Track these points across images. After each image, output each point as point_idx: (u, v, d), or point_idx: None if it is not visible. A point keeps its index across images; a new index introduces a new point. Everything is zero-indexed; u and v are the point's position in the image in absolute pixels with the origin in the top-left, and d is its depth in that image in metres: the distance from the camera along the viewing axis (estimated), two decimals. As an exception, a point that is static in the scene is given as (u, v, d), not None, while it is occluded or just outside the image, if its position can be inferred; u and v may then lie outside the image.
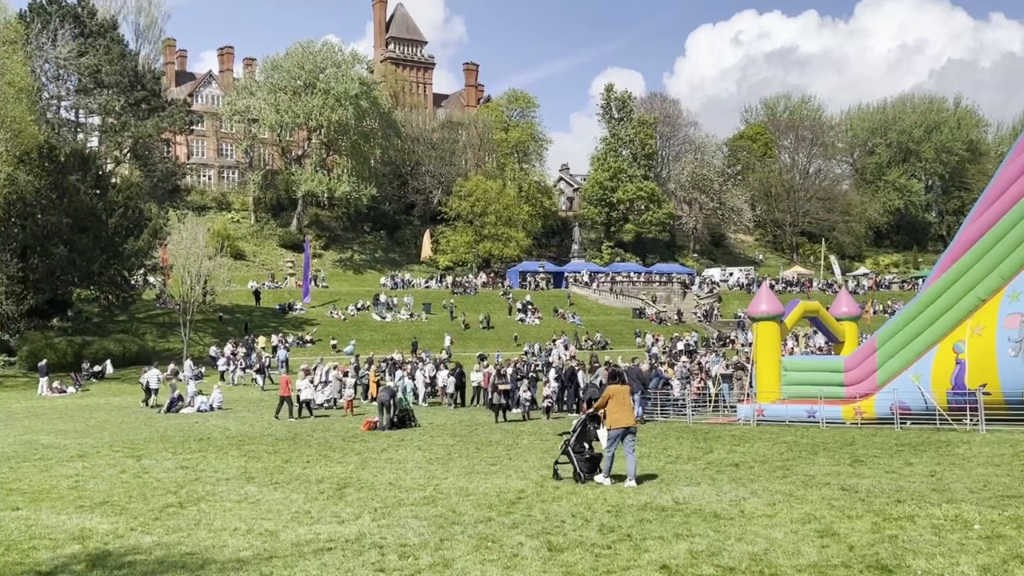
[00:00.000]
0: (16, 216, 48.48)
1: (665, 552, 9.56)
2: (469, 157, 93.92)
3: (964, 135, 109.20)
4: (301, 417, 28.57)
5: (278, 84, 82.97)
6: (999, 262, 21.70)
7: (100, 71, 71.41)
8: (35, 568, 9.82)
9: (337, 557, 9.84)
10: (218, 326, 57.24)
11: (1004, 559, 8.80)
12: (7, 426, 27.77)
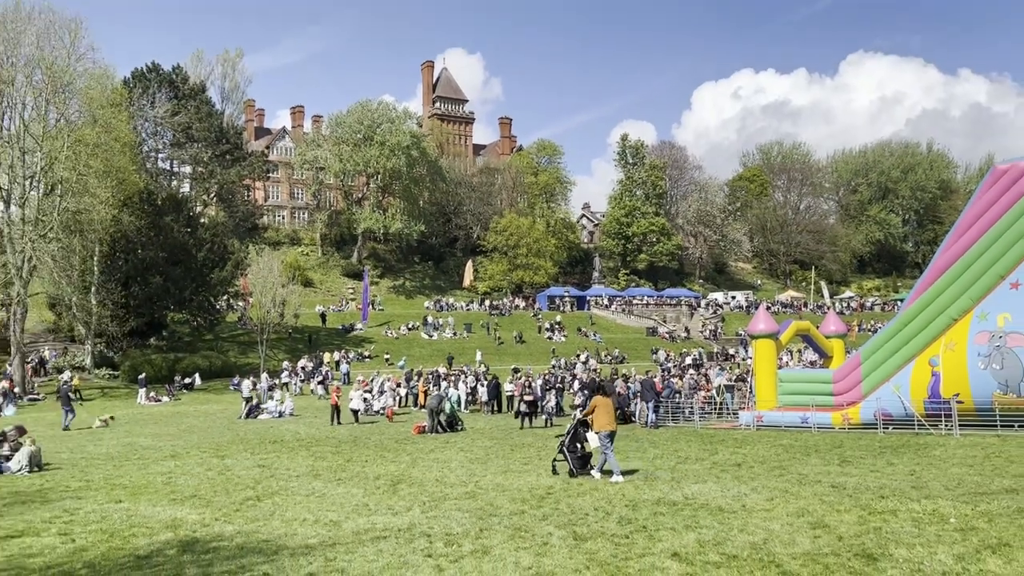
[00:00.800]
0: (120, 251, 49.35)
1: (676, 541, 9.54)
2: (504, 198, 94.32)
3: (936, 175, 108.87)
4: (342, 423, 28.40)
5: (341, 137, 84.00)
6: (969, 286, 21.64)
7: (191, 128, 72.68)
8: (134, 552, 9.93)
9: (391, 544, 9.88)
10: (290, 343, 57.70)
11: (977, 549, 8.77)
12: (112, 430, 28.13)
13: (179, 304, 53.15)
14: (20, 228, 42.93)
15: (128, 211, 48.66)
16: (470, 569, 8.62)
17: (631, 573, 8.26)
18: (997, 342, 20.69)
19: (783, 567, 8.31)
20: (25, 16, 43.27)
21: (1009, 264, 21.07)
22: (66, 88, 44.11)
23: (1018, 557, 8.41)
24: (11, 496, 14.40)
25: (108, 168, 45.48)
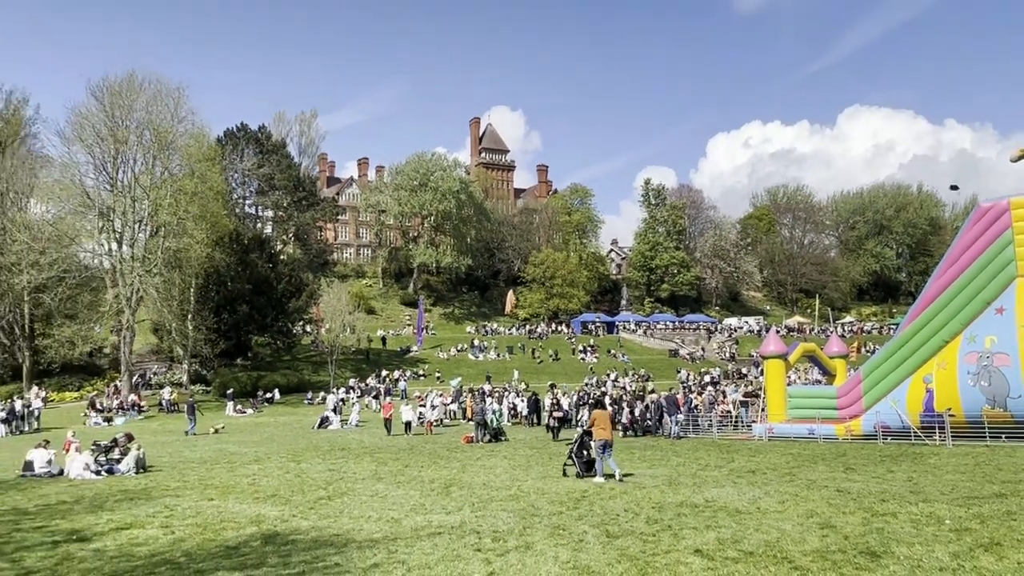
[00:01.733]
0: (213, 284, 50.33)
1: (698, 539, 9.45)
2: (541, 235, 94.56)
3: (926, 213, 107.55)
4: (392, 435, 28.18)
5: (400, 184, 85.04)
6: (958, 312, 21.43)
7: (273, 178, 74.51)
8: (224, 543, 10.07)
9: (445, 540, 9.89)
10: (355, 363, 58.16)
11: (971, 547, 8.60)
12: (205, 438, 28.55)
13: (261, 329, 53.94)
14: (130, 264, 44.06)
15: (219, 249, 49.76)
16: (514, 562, 8.60)
17: (658, 567, 8.19)
18: (985, 362, 20.34)
19: (795, 563, 8.18)
20: (137, 86, 44.75)
21: (995, 291, 20.82)
22: (169, 146, 45.43)
23: (1009, 555, 8.23)
24: (121, 494, 14.71)
25: (203, 213, 46.62)
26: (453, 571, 8.31)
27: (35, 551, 9.88)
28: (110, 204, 44.22)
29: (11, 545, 10.27)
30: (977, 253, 21.24)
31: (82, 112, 44.32)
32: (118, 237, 44.71)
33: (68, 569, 8.90)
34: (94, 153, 44.12)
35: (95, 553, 9.70)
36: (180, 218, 44.38)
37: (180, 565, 8.96)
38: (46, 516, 12.48)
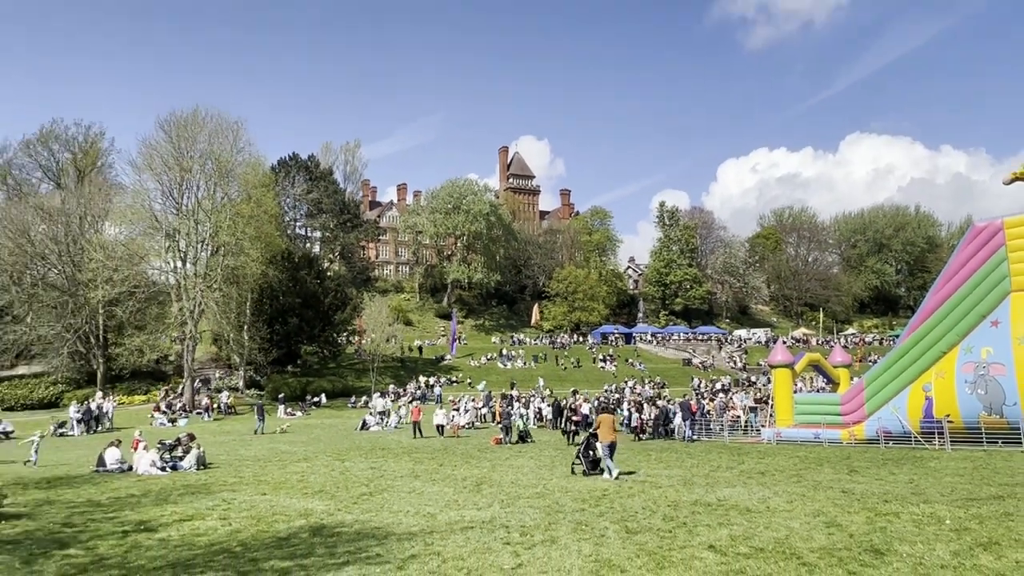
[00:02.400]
0: (266, 298, 50.92)
1: (712, 536, 9.37)
2: (564, 253, 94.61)
3: (923, 232, 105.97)
4: (424, 437, 27.89)
5: (435, 207, 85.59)
6: (954, 325, 21.27)
7: (321, 202, 75.51)
8: (276, 535, 10.15)
9: (476, 533, 9.89)
10: (395, 370, 58.38)
11: (970, 546, 8.47)
12: (258, 438, 28.84)
13: (310, 339, 54.46)
14: (193, 280, 44.74)
15: (272, 267, 50.35)
16: (541, 555, 8.57)
17: (674, 561, 8.11)
18: (981, 371, 20.10)
19: (803, 559, 8.06)
20: (200, 121, 45.60)
21: (990, 305, 20.65)
22: (229, 174, 46.16)
23: (1007, 554, 8.06)
24: (183, 488, 14.89)
25: (258, 234, 47.23)
26: (484, 563, 8.29)
27: (107, 539, 10.04)
28: (176, 226, 44.98)
29: (86, 534, 10.44)
30: (973, 270, 21.11)
31: (151, 144, 45.29)
32: (182, 256, 45.45)
33: (136, 556, 9.02)
34: (162, 181, 45.00)
35: (160, 542, 9.84)
36: (238, 239, 44.99)
37: (236, 554, 9.05)
38: (117, 508, 12.68)
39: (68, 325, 44.24)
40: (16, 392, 43.74)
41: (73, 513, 12.16)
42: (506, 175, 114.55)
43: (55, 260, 45.96)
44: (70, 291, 44.73)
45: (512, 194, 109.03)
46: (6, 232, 46.17)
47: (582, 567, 7.98)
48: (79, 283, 44.57)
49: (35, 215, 48.18)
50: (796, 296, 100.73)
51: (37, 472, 18.16)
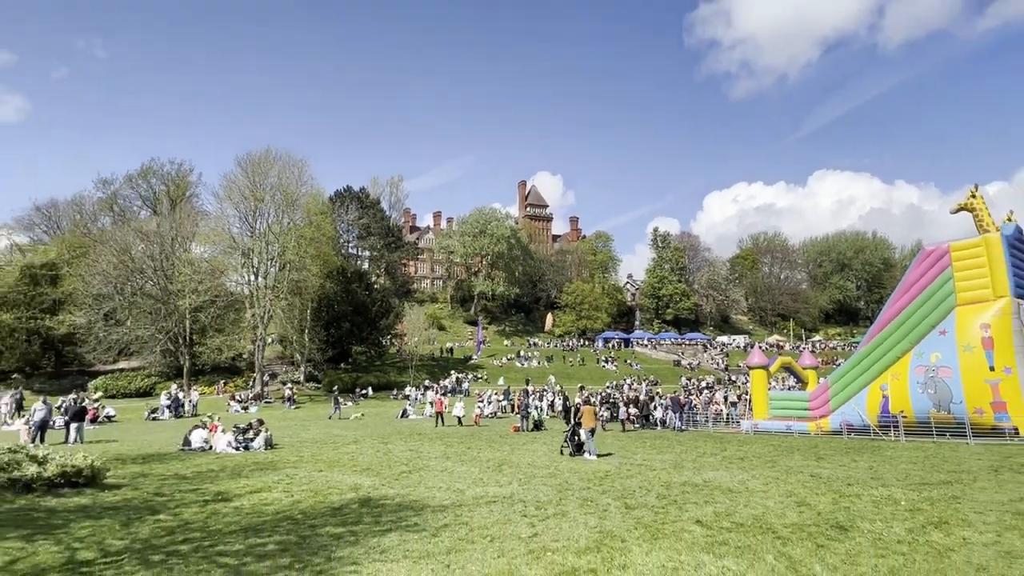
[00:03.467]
0: (323, 307, 51.34)
1: (699, 512, 9.27)
2: (572, 270, 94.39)
3: (880, 254, 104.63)
4: (446, 426, 27.24)
5: (464, 231, 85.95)
6: (908, 334, 20.98)
7: (370, 227, 76.19)
8: (330, 505, 10.19)
9: (499, 506, 9.86)
10: (430, 368, 58.50)
11: (923, 524, 8.33)
12: (315, 424, 28.96)
13: (359, 341, 54.79)
14: (263, 291, 45.26)
15: (329, 281, 50.82)
16: (553, 526, 8.52)
17: (667, 534, 8.02)
18: (931, 374, 19.75)
19: (777, 533, 7.94)
20: (271, 159, 46.32)
21: (938, 317, 20.33)
22: (294, 203, 46.75)
23: (955, 532, 7.89)
24: (254, 465, 15.00)
25: (318, 253, 47.74)
26: (505, 532, 8.26)
27: (190, 507, 10.14)
28: (250, 246, 45.57)
29: (173, 502, 10.56)
30: (923, 287, 20.83)
31: (231, 178, 46.07)
32: (255, 271, 46.01)
33: (215, 522, 9.09)
34: (239, 208, 45.65)
35: (235, 510, 9.91)
36: (301, 257, 45.50)
37: (298, 521, 9.09)
38: (199, 481, 12.80)
39: (161, 328, 44.91)
40: (117, 383, 44.44)
41: (163, 484, 12.30)
42: (524, 205, 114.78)
43: (151, 274, 46.73)
44: (163, 299, 45.43)
45: (529, 221, 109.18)
46: (112, 250, 47.05)
47: (588, 537, 7.92)
48: (170, 293, 45.28)
49: (135, 237, 49.11)
50: (770, 308, 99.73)
51: (133, 449, 18.40)
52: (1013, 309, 19.08)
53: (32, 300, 46.85)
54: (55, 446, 15.98)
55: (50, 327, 46.22)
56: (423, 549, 7.53)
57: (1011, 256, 19.78)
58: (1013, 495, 10.18)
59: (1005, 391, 18.47)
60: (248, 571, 6.80)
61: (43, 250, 56.80)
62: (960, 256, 20.13)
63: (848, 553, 7.13)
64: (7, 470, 11.16)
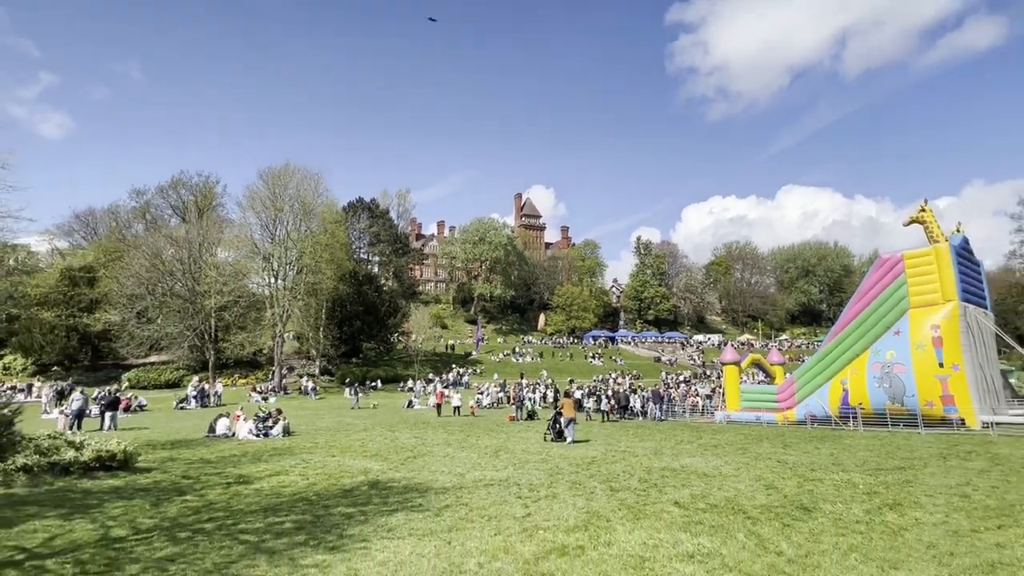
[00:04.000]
0: (337, 307, 51.10)
1: (676, 494, 9.26)
2: (563, 275, 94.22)
3: (840, 262, 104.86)
4: (444, 416, 27.01)
5: (465, 239, 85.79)
6: (865, 333, 21.07)
7: (379, 235, 75.99)
8: (342, 487, 10.14)
9: (495, 489, 9.83)
10: (433, 363, 58.34)
11: (879, 506, 8.33)
12: (329, 413, 28.85)
13: (369, 338, 54.55)
14: (282, 293, 45.13)
15: (342, 283, 50.58)
16: (544, 507, 8.51)
17: (648, 514, 8.02)
18: (887, 369, 19.83)
19: (748, 514, 7.95)
20: (290, 172, 46.23)
21: (893, 319, 20.42)
22: (311, 213, 46.62)
23: (908, 512, 7.91)
24: (273, 450, 14.95)
25: (332, 258, 47.59)
26: (501, 512, 8.25)
27: (215, 488, 10.10)
28: (270, 251, 45.43)
29: (199, 484, 10.51)
30: (879, 291, 20.92)
31: (253, 190, 45.93)
32: (275, 274, 45.84)
33: (237, 502, 9.06)
34: (260, 217, 45.53)
35: (255, 491, 9.87)
36: (316, 261, 45.37)
37: (312, 501, 9.06)
38: (222, 465, 12.75)
39: (188, 325, 44.71)
40: (148, 375, 44.20)
41: (189, 468, 12.24)
42: (520, 215, 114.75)
43: (180, 276, 46.55)
44: (190, 299, 45.24)
45: (524, 229, 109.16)
46: (144, 255, 46.87)
47: (576, 517, 7.91)
48: (197, 293, 45.10)
49: (166, 242, 48.90)
50: (741, 309, 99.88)
51: (162, 436, 18.31)
52: (960, 312, 19.20)
53: (71, 299, 46.60)
54: (91, 433, 15.88)
55: (87, 324, 45.98)
56: (427, 527, 7.51)
57: (958, 264, 19.91)
58: (959, 479, 10.22)
59: (953, 386, 18.57)
60: (267, 547, 6.77)
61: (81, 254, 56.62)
62: (912, 264, 20.25)
63: (811, 532, 7.15)
64: (47, 455, 11.09)
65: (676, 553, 6.42)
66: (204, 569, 6.07)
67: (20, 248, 54.34)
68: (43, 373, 44.85)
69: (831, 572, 5.84)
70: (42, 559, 6.43)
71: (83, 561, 6.36)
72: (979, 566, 5.98)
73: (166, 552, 6.65)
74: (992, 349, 21.38)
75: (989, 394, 19.67)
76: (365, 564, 6.19)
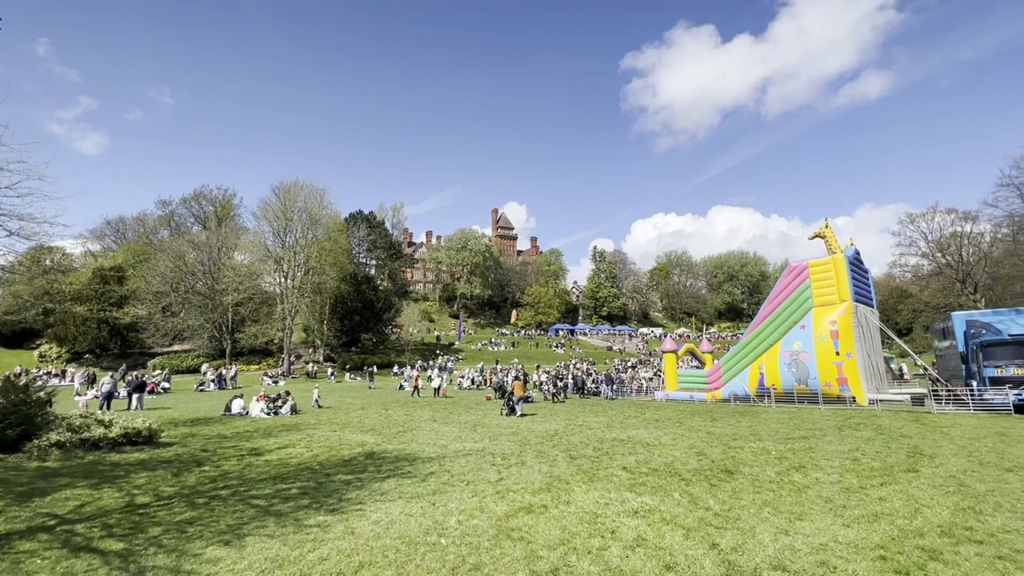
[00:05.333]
0: (338, 303, 50.14)
1: (624, 461, 9.33)
2: (532, 278, 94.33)
3: (758, 269, 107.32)
4: (421, 397, 25.51)
5: (450, 246, 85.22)
6: (778, 328, 21.36)
7: (376, 242, 74.66)
8: (342, 458, 9.95)
9: (473, 458, 9.77)
10: (422, 351, 57.75)
11: (787, 468, 8.50)
12: (331, 395, 28.24)
13: (367, 330, 53.56)
14: (291, 291, 44.11)
15: (343, 283, 49.65)
16: (515, 472, 8.49)
17: (600, 477, 8.07)
18: (795, 357, 20.28)
19: (682, 476, 8.06)
20: (299, 187, 45.22)
21: (800, 315, 20.81)
22: (317, 223, 45.69)
23: (811, 473, 8.12)
24: (282, 427, 14.59)
25: (335, 261, 46.74)
26: (478, 477, 8.21)
27: (230, 460, 9.80)
28: (281, 255, 44.39)
29: (216, 456, 10.19)
30: (789, 293, 21.30)
31: (266, 202, 44.74)
32: (284, 275, 44.82)
33: (249, 472, 8.81)
34: (273, 226, 44.44)
35: (265, 462, 9.62)
36: (321, 264, 44.50)
37: (316, 470, 8.87)
38: (237, 439, 12.39)
39: (208, 318, 43.36)
40: (172, 362, 42.63)
41: (207, 442, 11.86)
42: (496, 227, 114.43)
43: (201, 276, 45.12)
44: (210, 296, 43.87)
45: (499, 239, 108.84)
46: (169, 257, 45.32)
47: (541, 480, 7.92)
48: (216, 291, 43.77)
49: (189, 246, 47.34)
50: (678, 307, 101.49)
51: (184, 415, 17.70)
52: (853, 310, 19.83)
53: (102, 296, 44.69)
54: (119, 412, 15.24)
55: (116, 317, 44.15)
56: (414, 491, 7.42)
57: (851, 271, 20.55)
58: (851, 446, 10.58)
59: (847, 370, 19.16)
60: (275, 510, 6.59)
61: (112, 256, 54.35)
62: (816, 271, 20.77)
63: (734, 490, 7.31)
64: (79, 432, 10.60)
65: (623, 510, 6.48)
66: (219, 530, 5.88)
67: (56, 250, 51.93)
68: (76, 360, 42.89)
69: (749, 523, 5.97)
70: (72, 524, 6.14)
71: (110, 525, 6.09)
72: (866, 516, 6.19)
73: (185, 516, 6.42)
74: (877, 340, 22.10)
75: (874, 377, 20.37)
76: (361, 523, 6.08)
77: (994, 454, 9.38)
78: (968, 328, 19.03)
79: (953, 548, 5.21)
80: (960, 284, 43.09)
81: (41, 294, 43.12)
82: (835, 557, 5.02)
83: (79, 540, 5.62)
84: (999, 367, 16.28)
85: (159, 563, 5.06)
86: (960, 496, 6.87)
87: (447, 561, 5.00)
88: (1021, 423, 13.25)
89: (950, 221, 45.35)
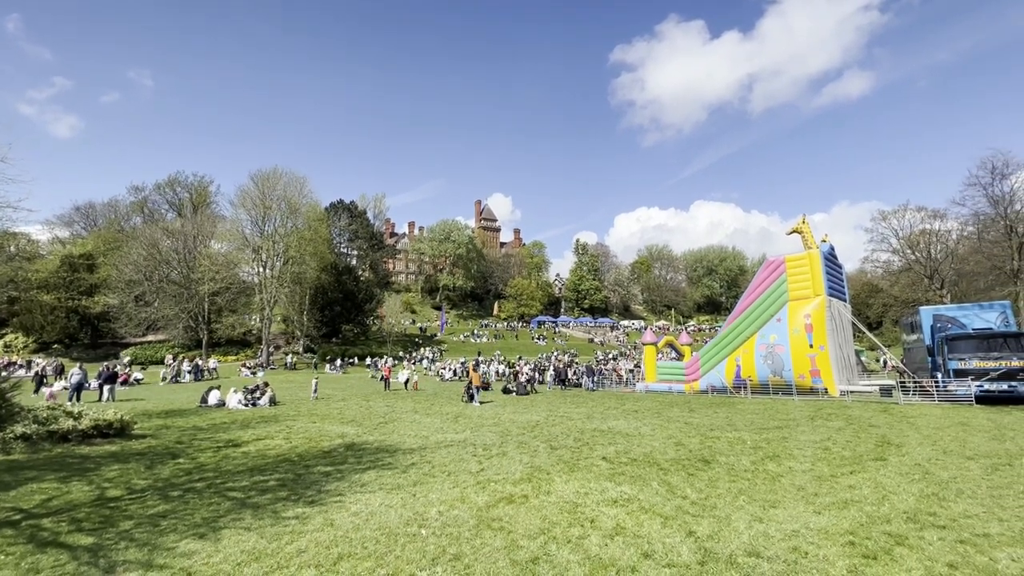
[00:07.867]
0: (319, 294, 49.37)
1: (604, 451, 9.41)
2: (515, 270, 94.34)
3: (737, 263, 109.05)
4: (393, 390, 24.69)
5: (433, 237, 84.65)
6: (755, 321, 21.69)
7: (357, 232, 73.70)
8: (322, 449, 9.84)
9: (455, 449, 9.75)
10: (404, 343, 57.35)
11: (762, 458, 8.65)
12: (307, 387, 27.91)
13: (348, 321, 52.97)
14: (270, 281, 43.28)
15: (324, 273, 48.91)
16: (496, 463, 8.50)
17: (581, 467, 8.13)
18: (770, 349, 20.67)
19: (661, 465, 8.17)
20: (278, 175, 44.23)
21: (776, 309, 21.16)
22: (296, 211, 44.79)
23: (784, 463, 8.30)
24: (260, 418, 14.34)
25: (315, 251, 45.94)
26: (460, 468, 8.19)
27: (206, 452, 9.60)
28: (259, 244, 43.45)
29: (191, 448, 9.97)
30: (766, 287, 21.61)
31: (245, 190, 43.67)
32: (263, 264, 43.93)
33: (226, 464, 8.64)
34: (251, 214, 43.41)
35: (243, 454, 9.45)
36: (301, 254, 43.71)
37: (295, 462, 8.75)
38: (213, 431, 12.14)
39: (183, 308, 42.30)
40: (146, 353, 41.56)
41: (182, 434, 11.59)
42: (480, 219, 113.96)
43: (176, 264, 43.93)
44: (185, 285, 42.78)
45: (483, 231, 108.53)
46: (142, 245, 43.99)
47: (522, 471, 7.95)
48: (192, 280, 42.69)
49: (163, 234, 46.03)
50: (659, 300, 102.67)
51: (158, 406, 17.26)
52: (826, 304, 20.31)
53: (71, 284, 43.15)
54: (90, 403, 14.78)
55: (87, 306, 42.72)
56: (395, 482, 7.37)
57: (826, 266, 21.01)
58: (823, 436, 10.86)
59: (820, 362, 19.65)
60: (252, 503, 6.48)
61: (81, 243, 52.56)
62: (792, 266, 21.16)
63: (710, 479, 7.44)
64: (46, 424, 10.24)
65: (603, 499, 6.55)
66: (194, 523, 5.75)
67: (20, 236, 49.84)
68: (44, 351, 41.43)
69: (725, 511, 6.09)
70: (38, 518, 5.93)
71: (79, 519, 5.90)
72: (836, 503, 6.37)
73: (158, 509, 6.26)
74: (849, 333, 22.67)
75: (846, 369, 20.92)
76: (340, 515, 6.01)
77: (956, 443, 9.75)
78: (935, 322, 19.67)
79: (918, 533, 5.40)
80: (928, 280, 44.54)
81: (5, 281, 41.44)
82: (807, 543, 5.16)
83: (46, 535, 5.44)
84: (963, 360, 16.90)
85: (130, 557, 4.92)
86: (925, 483, 7.12)
87: (427, 552, 4.98)
88: (983, 413, 13.79)
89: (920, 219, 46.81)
